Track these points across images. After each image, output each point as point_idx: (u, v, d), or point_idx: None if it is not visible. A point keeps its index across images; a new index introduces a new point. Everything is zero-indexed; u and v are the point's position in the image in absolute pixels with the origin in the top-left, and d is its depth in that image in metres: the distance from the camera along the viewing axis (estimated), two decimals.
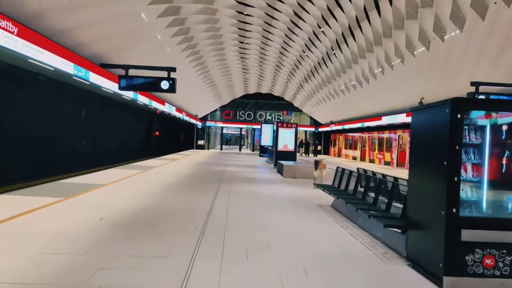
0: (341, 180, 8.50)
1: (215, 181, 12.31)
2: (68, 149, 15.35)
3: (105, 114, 21.21)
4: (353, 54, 22.03)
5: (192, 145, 41.19)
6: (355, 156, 32.60)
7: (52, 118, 13.62)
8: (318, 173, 11.91)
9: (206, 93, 34.05)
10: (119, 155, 21.99)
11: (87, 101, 16.42)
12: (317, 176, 11.92)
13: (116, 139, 23.96)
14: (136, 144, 30.38)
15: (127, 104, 21.17)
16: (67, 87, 13.11)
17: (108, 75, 12.23)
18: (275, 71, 33.55)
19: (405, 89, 20.15)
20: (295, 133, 19.54)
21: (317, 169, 11.95)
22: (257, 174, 15.87)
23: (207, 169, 17.25)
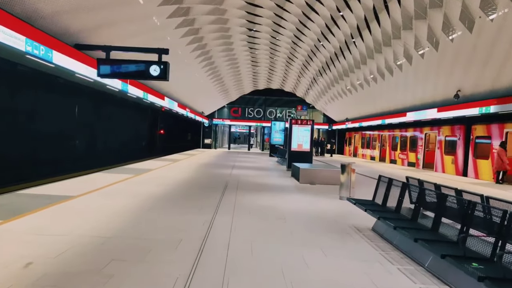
0: (388, 195, 6.13)
1: (217, 190, 10.04)
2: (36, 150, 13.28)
3: (99, 111, 19.13)
4: (375, 42, 19.54)
5: (198, 144, 39.05)
6: (374, 156, 30.10)
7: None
8: (345, 179, 9.57)
9: (213, 89, 31.86)
10: (113, 156, 19.92)
11: (75, 94, 14.35)
12: (344, 182, 9.58)
13: (113, 138, 21.91)
14: (138, 144, 28.38)
15: (126, 100, 19.11)
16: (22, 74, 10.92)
17: (83, 58, 10.02)
18: (286, 65, 31.18)
19: (438, 81, 17.63)
20: (311, 131, 17.18)
21: (344, 174, 9.61)
22: (268, 179, 13.58)
23: (210, 172, 15.01)
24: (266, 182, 12.47)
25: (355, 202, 6.45)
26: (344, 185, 9.59)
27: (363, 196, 10.13)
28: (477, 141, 17.08)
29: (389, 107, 24.55)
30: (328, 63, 26.53)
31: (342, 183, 9.64)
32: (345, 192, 9.55)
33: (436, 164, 20.26)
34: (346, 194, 9.52)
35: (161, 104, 19.51)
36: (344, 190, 9.57)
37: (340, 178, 9.69)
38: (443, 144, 19.68)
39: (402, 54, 18.39)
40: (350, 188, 9.55)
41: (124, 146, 24.04)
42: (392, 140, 26.61)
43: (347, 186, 9.54)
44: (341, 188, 9.65)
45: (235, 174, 14.61)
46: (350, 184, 9.57)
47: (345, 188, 9.56)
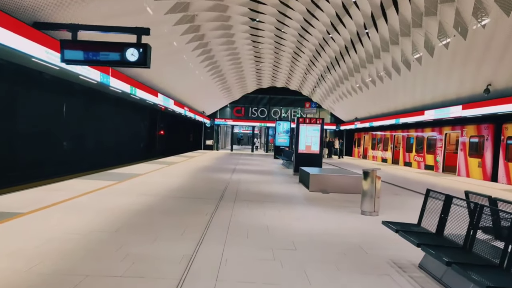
0: (445, 220, 4.26)
1: (210, 202, 8.21)
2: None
3: (87, 108, 17.43)
4: (391, 32, 17.62)
5: (200, 145, 37.26)
6: (385, 158, 28.14)
7: None
8: (369, 189, 7.70)
9: (214, 87, 30.06)
10: (105, 159, 18.21)
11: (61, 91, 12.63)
12: (367, 193, 7.71)
13: (105, 139, 20.21)
14: (135, 145, 26.71)
15: (120, 98, 17.39)
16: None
17: (43, 39, 8.17)
18: (291, 61, 29.31)
19: (464, 74, 15.68)
20: (321, 131, 15.31)
21: (367, 183, 7.74)
22: (272, 186, 11.73)
23: (207, 178, 13.19)
24: (270, 190, 10.62)
25: (398, 229, 4.56)
26: (367, 197, 7.72)
27: (388, 210, 8.23)
28: (510, 142, 15.13)
29: (405, 105, 22.59)
30: (338, 57, 24.62)
31: (364, 194, 7.77)
32: (369, 205, 7.69)
33: (459, 167, 18.30)
34: (369, 208, 7.67)
35: (153, 101, 17.69)
36: (367, 202, 7.71)
37: (362, 187, 7.82)
38: (467, 146, 17.72)
39: (422, 45, 16.46)
40: (374, 201, 7.68)
41: (119, 147, 22.36)
42: (406, 141, 24.65)
43: (371, 198, 7.68)
44: (363, 199, 7.79)
45: (235, 179, 12.78)
46: (375, 195, 7.70)
47: (369, 200, 7.69)
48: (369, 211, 7.67)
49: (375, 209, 7.68)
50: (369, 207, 7.68)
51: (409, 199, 10.10)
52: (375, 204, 7.69)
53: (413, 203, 9.41)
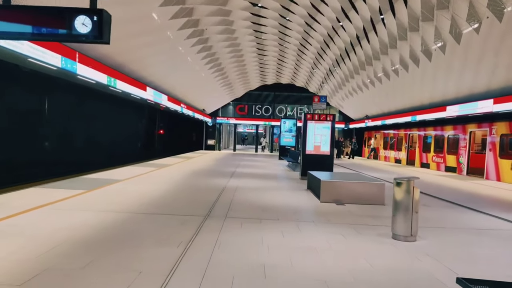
0: None
1: (191, 221, 6.29)
2: None
3: (71, 104, 15.65)
4: (410, 16, 15.57)
5: (201, 145, 35.40)
6: (399, 159, 26.06)
7: None
8: (404, 205, 5.72)
9: (215, 83, 28.17)
10: (92, 161, 16.42)
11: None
12: (401, 210, 5.73)
13: (95, 139, 18.45)
14: (131, 145, 24.98)
15: (114, 96, 15.58)
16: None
17: None
18: (297, 56, 27.33)
19: (498, 62, 13.60)
20: (332, 128, 13.34)
21: (401, 196, 5.77)
22: (274, 195, 9.81)
23: (198, 184, 11.29)
24: (272, 201, 8.68)
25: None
26: (400, 214, 5.75)
27: (426, 230, 5.93)
28: None
29: (422, 101, 20.51)
30: (348, 49, 22.58)
31: (397, 210, 5.80)
32: (403, 226, 5.71)
33: (487, 170, 16.21)
34: (404, 230, 5.70)
35: (140, 96, 15.78)
36: (401, 222, 5.73)
37: (395, 200, 5.85)
38: (498, 145, 15.63)
39: (447, 30, 14.40)
40: (412, 221, 5.70)
41: (112, 147, 20.62)
42: (423, 140, 22.55)
43: (406, 217, 5.70)
44: (395, 217, 5.81)
45: (232, 186, 10.86)
46: (412, 212, 5.72)
47: (403, 219, 5.72)
48: (405, 235, 5.70)
49: (412, 232, 5.71)
50: (404, 228, 5.71)
51: (445, 213, 8.10)
52: (412, 224, 5.72)
53: (454, 219, 7.43)
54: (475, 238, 6.01)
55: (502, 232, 6.47)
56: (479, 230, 6.57)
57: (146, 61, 15.93)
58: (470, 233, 6.36)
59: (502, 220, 7.31)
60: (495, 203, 9.87)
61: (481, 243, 5.74)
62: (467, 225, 6.93)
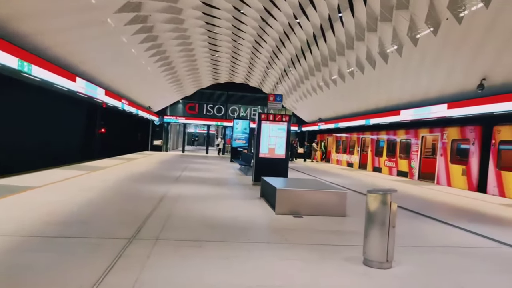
0: None
1: (105, 248, 4.78)
2: None
3: None
4: (370, 16, 15.02)
5: (147, 146, 33.14)
6: (351, 162, 25.82)
7: None
8: (379, 222, 4.66)
9: (163, 80, 26.24)
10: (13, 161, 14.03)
11: None
12: (375, 228, 4.67)
13: (17, 136, 15.92)
14: (66, 145, 22.34)
15: (44, 88, 13.25)
16: None
17: None
18: (251, 55, 26.25)
19: (453, 67, 13.35)
20: (288, 131, 12.28)
21: (376, 211, 4.70)
22: (223, 205, 8.52)
23: (132, 193, 9.70)
24: (219, 214, 7.37)
25: None
26: (373, 234, 4.69)
27: (399, 251, 4.77)
28: (503, 147, 12.96)
29: (378, 104, 20.24)
30: (304, 49, 21.85)
31: (370, 228, 4.73)
32: (378, 249, 4.65)
33: (438, 175, 16.07)
34: (379, 254, 4.63)
35: (68, 87, 13.57)
36: (375, 243, 4.67)
37: (369, 220, 4.78)
38: (449, 150, 15.51)
39: (405, 32, 13.96)
40: (388, 244, 4.66)
41: (40, 147, 18.08)
42: (376, 144, 22.37)
43: (382, 238, 4.65)
44: (368, 238, 4.74)
45: (174, 194, 9.39)
46: (389, 233, 4.68)
47: (377, 240, 4.66)
48: (379, 260, 4.64)
49: (388, 257, 4.66)
50: (378, 253, 4.64)
51: (413, 225, 7.23)
52: (389, 248, 4.67)
53: (424, 234, 6.55)
54: (456, 259, 5.12)
55: (482, 250, 5.67)
56: (456, 248, 5.73)
57: (77, 47, 13.89)
58: (448, 252, 5.49)
59: (475, 235, 6.57)
60: (459, 213, 9.30)
61: (466, 266, 4.84)
62: (441, 242, 6.08)
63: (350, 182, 14.93)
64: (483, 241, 6.19)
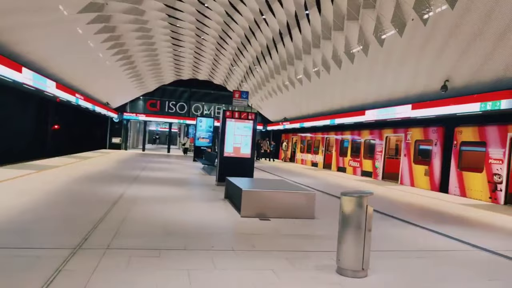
0: None
1: (52, 257, 4.07)
2: None
3: None
4: (337, 14, 14.88)
5: (105, 144, 31.52)
6: (316, 162, 25.84)
7: None
8: (354, 227, 4.28)
9: (122, 74, 24.94)
10: None
11: None
12: (349, 233, 4.28)
13: None
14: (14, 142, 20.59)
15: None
16: None
17: None
18: (216, 51, 25.58)
19: (417, 68, 13.45)
20: (253, 129, 11.81)
21: (351, 215, 4.32)
22: (185, 208, 7.91)
23: (87, 193, 8.84)
24: (180, 218, 6.76)
25: None
26: (349, 240, 4.30)
27: (374, 256, 4.42)
28: (464, 149, 13.22)
29: (342, 104, 20.26)
30: (270, 47, 21.49)
31: (344, 234, 4.34)
32: (353, 256, 4.27)
33: (401, 175, 16.25)
34: (354, 262, 4.25)
35: (12, 78, 12.15)
36: (350, 250, 4.28)
37: (344, 225, 4.38)
38: (412, 151, 15.71)
39: (371, 31, 13.93)
40: (363, 249, 4.29)
41: None
42: (340, 144, 22.45)
43: (357, 243, 4.27)
44: (341, 243, 4.35)
45: (131, 196, 8.63)
46: (365, 239, 4.31)
47: (352, 247, 4.28)
48: (354, 268, 4.26)
49: (364, 265, 4.30)
50: (353, 259, 4.26)
51: (384, 228, 6.95)
52: (364, 255, 4.30)
53: (397, 237, 6.27)
54: (433, 265, 4.85)
55: (457, 255, 5.46)
56: (431, 253, 5.49)
57: (24, 35, 12.65)
58: (424, 257, 5.23)
59: (448, 238, 6.40)
60: (426, 214, 9.23)
61: (444, 273, 4.57)
62: (415, 246, 5.82)
63: (316, 182, 14.72)
64: (457, 245, 6.02)
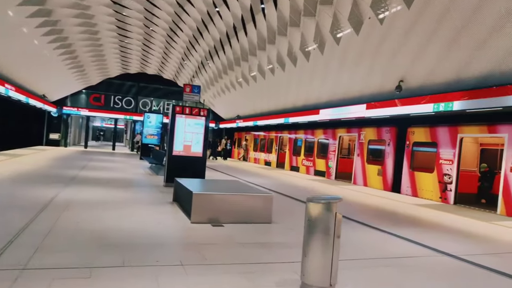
0: None
1: None
2: None
3: None
4: (293, 11, 14.49)
5: (41, 140, 28.91)
6: (269, 161, 25.50)
7: None
8: (321, 235, 3.72)
9: (62, 65, 22.85)
10: None
11: None
12: (315, 241, 3.72)
13: None
14: None
15: None
16: None
17: None
18: (166, 44, 24.31)
19: (373, 67, 13.40)
20: (206, 126, 11.01)
21: (317, 221, 3.75)
22: (127, 213, 6.99)
23: (9, 197, 7.58)
24: (119, 225, 5.85)
25: None
26: (315, 252, 3.73)
27: (341, 266, 3.93)
28: (416, 149, 13.38)
29: (296, 103, 20.02)
30: (223, 42, 20.72)
31: (311, 246, 3.76)
32: (320, 271, 3.70)
33: (355, 175, 16.27)
34: (321, 278, 3.70)
35: None
36: (317, 263, 3.72)
37: (309, 230, 3.80)
38: (365, 151, 15.76)
39: (328, 28, 13.69)
40: (332, 263, 3.74)
41: None
42: (294, 143, 22.25)
43: (325, 256, 3.71)
44: (307, 257, 3.77)
45: (63, 199, 7.51)
46: (333, 252, 3.76)
47: (319, 259, 3.71)
48: (321, 285, 3.70)
49: (332, 280, 3.75)
50: (320, 274, 3.70)
51: (345, 232, 6.53)
52: (332, 268, 3.75)
53: (358, 242, 5.87)
54: (402, 274, 4.45)
55: (423, 261, 5.12)
56: (397, 260, 5.10)
57: None
58: (391, 265, 4.83)
59: (410, 243, 6.10)
60: (383, 216, 9.02)
61: (416, 284, 4.16)
62: (380, 253, 5.42)
63: (270, 182, 14.24)
64: (419, 249, 5.71)
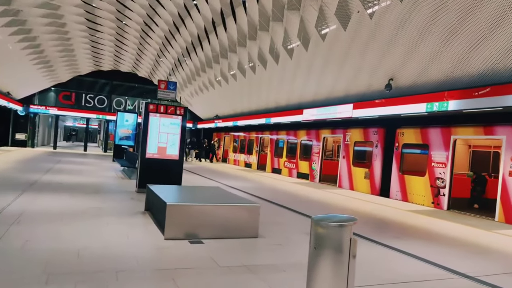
0: None
1: None
2: None
3: None
4: (276, 5, 13.66)
5: (6, 141, 27.00)
6: (249, 163, 24.59)
7: None
8: (336, 264, 2.86)
9: (28, 61, 21.24)
10: None
11: None
12: (332, 276, 2.85)
13: None
14: None
15: None
16: None
17: None
18: (140, 40, 23.06)
19: (360, 65, 12.72)
20: (182, 126, 10.00)
21: (333, 248, 2.88)
22: (90, 227, 5.95)
23: None
24: (80, 243, 4.81)
25: None
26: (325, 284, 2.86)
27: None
28: (405, 151, 12.78)
29: (278, 102, 19.21)
30: (201, 37, 19.69)
31: (315, 269, 2.88)
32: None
33: (340, 177, 15.58)
34: None
35: None
36: None
37: (314, 262, 2.92)
38: (351, 153, 15.10)
39: (313, 23, 12.93)
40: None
41: None
42: (275, 144, 21.44)
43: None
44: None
45: (14, 211, 6.36)
46: (348, 283, 2.90)
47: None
48: None
49: None
50: None
51: None
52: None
53: (362, 260, 5.04)
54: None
55: (438, 284, 4.34)
56: (412, 285, 4.30)
57: None
58: None
59: (421, 261, 5.33)
60: (382, 226, 8.26)
61: None
62: (390, 275, 4.59)
63: (252, 185, 13.37)
64: (433, 270, 4.94)
